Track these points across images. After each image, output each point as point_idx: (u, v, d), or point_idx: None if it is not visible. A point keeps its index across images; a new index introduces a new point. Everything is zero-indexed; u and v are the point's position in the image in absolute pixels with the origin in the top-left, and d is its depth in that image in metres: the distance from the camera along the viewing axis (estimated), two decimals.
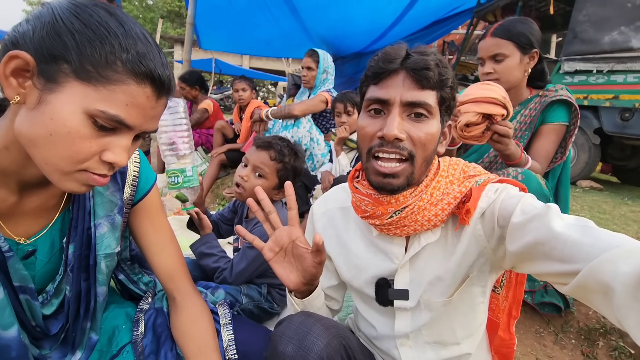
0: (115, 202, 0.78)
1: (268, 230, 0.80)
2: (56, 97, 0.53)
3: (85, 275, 0.75)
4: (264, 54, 6.35)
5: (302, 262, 0.77)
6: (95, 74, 0.53)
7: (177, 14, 20.51)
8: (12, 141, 0.59)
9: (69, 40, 0.52)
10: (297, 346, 0.71)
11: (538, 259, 0.60)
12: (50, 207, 0.72)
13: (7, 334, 0.62)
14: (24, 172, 0.63)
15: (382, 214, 0.76)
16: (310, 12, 4.34)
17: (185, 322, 0.84)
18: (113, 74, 0.54)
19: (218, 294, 1.27)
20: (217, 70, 11.60)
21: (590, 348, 1.43)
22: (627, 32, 3.14)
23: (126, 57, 0.54)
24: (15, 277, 0.65)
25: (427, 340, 0.83)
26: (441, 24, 4.79)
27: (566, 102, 1.43)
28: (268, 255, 0.78)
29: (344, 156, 2.25)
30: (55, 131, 0.53)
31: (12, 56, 0.52)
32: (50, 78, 0.53)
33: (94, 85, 0.54)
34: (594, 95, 3.29)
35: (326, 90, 2.74)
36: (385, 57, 0.73)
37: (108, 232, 0.77)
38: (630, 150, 3.82)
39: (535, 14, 4.68)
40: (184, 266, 0.90)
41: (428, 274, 0.79)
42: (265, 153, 1.31)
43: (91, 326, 0.78)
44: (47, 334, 0.72)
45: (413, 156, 0.71)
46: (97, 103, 0.54)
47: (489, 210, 0.71)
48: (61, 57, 0.52)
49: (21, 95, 0.54)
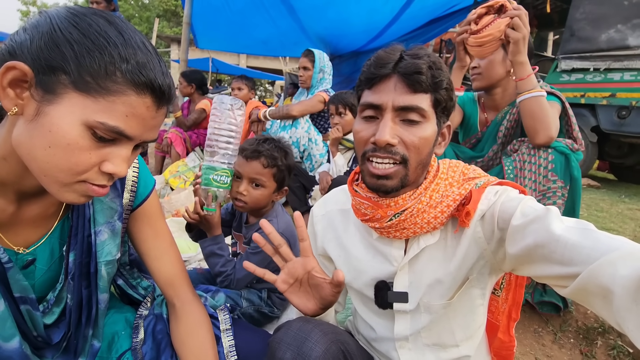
0: (115, 208, 0.77)
1: (279, 263, 0.79)
2: (55, 109, 0.52)
3: (87, 283, 0.74)
4: (261, 53, 6.32)
5: (320, 291, 0.76)
6: (94, 85, 0.52)
7: (174, 12, 20.41)
8: (9, 152, 0.58)
9: (68, 51, 0.51)
10: (296, 352, 0.71)
11: (538, 261, 0.60)
12: (49, 216, 0.71)
13: (9, 346, 0.62)
14: (22, 183, 0.62)
15: (381, 217, 0.75)
16: (307, 12, 4.33)
17: (185, 331, 0.83)
18: (112, 85, 0.53)
19: (218, 298, 1.26)
20: (214, 70, 11.57)
21: (589, 347, 1.44)
22: (624, 30, 3.15)
23: (126, 67, 0.53)
24: (16, 288, 0.64)
25: (427, 343, 0.83)
26: (438, 23, 4.78)
27: (553, 94, 1.45)
28: (282, 288, 0.77)
29: (340, 156, 2.25)
30: (54, 143, 0.52)
31: (10, 67, 0.51)
32: (48, 89, 0.52)
33: (93, 97, 0.53)
34: (591, 93, 3.30)
35: (324, 90, 2.73)
36: (378, 62, 0.72)
37: (109, 239, 0.76)
38: (627, 148, 3.83)
39: (532, 12, 4.69)
40: (183, 272, 0.89)
41: (427, 276, 0.79)
42: (257, 162, 1.27)
43: (93, 333, 0.78)
44: (48, 343, 0.72)
45: (406, 160, 0.71)
46: (97, 114, 0.53)
47: (488, 212, 0.71)
48: (59, 68, 0.51)
49: (19, 106, 0.53)
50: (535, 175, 1.34)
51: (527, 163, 1.36)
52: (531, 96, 1.33)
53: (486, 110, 1.69)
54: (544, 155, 1.33)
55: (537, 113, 1.32)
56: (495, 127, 1.61)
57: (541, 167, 1.33)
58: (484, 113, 1.69)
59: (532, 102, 1.33)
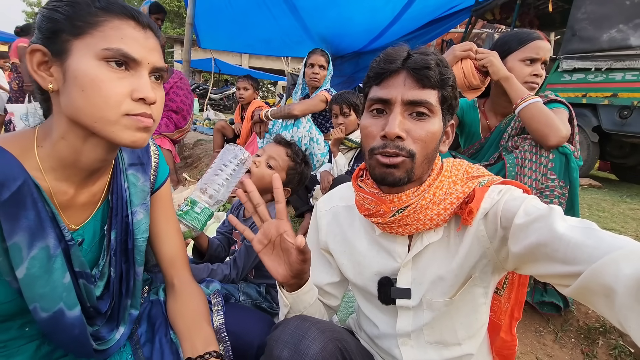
0: (147, 190, 0.87)
1: (257, 222, 0.81)
2: (71, 61, 0.63)
3: (125, 259, 0.83)
4: (264, 52, 6.33)
5: (289, 256, 0.77)
6: (84, 25, 0.63)
7: (177, 13, 20.42)
8: (66, 129, 0.67)
9: (57, 15, 0.63)
10: (293, 350, 0.71)
11: (541, 260, 0.61)
12: (95, 200, 0.79)
13: (72, 314, 0.70)
14: (80, 160, 0.70)
15: (384, 212, 0.76)
16: (309, 11, 4.34)
17: (181, 304, 0.89)
18: (97, 19, 0.64)
19: (212, 287, 1.27)
20: (216, 70, 11.59)
21: (590, 347, 1.44)
22: (626, 30, 3.14)
23: (99, 4, 0.64)
24: (76, 264, 0.72)
25: (429, 340, 0.84)
26: (439, 23, 4.79)
27: (560, 102, 1.45)
28: (257, 247, 0.80)
29: (341, 156, 2.25)
30: (84, 85, 0.62)
31: (30, 51, 0.63)
32: (60, 52, 0.63)
33: (89, 34, 0.63)
34: (593, 93, 3.30)
35: (326, 89, 2.74)
36: (387, 58, 0.74)
37: (144, 217, 0.85)
38: (629, 148, 3.82)
39: (534, 12, 4.69)
40: (185, 256, 0.96)
41: (430, 273, 0.80)
42: (283, 148, 1.41)
43: (131, 303, 0.86)
44: (99, 312, 0.80)
45: (413, 154, 0.72)
46: (99, 44, 0.63)
47: (492, 211, 0.72)
48: (59, 31, 0.63)
49: (52, 82, 0.64)
50: (535, 173, 1.35)
51: (528, 161, 1.36)
52: (528, 104, 1.35)
53: (487, 115, 1.67)
54: (545, 154, 1.33)
55: (539, 117, 1.33)
56: (498, 134, 1.59)
57: (541, 165, 1.34)
58: (486, 119, 1.67)
59: (530, 109, 1.34)
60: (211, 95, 11.65)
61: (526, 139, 1.41)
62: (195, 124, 7.46)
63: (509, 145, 1.49)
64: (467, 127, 1.73)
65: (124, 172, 0.82)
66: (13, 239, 0.61)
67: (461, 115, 1.73)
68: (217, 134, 3.63)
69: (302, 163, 1.44)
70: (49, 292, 0.66)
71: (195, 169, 4.18)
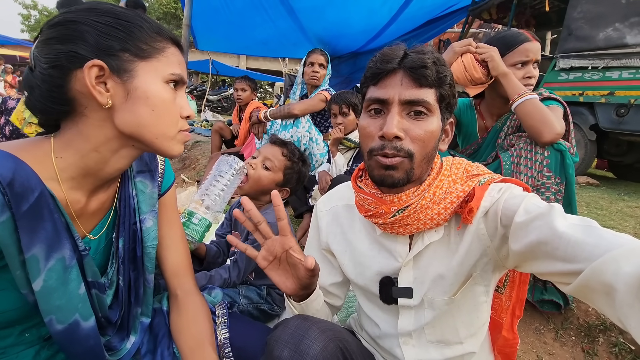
0: (155, 197, 0.87)
1: (259, 240, 0.80)
2: (139, 81, 0.65)
3: (133, 267, 0.83)
4: (261, 53, 6.32)
5: (297, 271, 0.77)
6: (150, 49, 0.66)
7: (174, 15, 20.37)
8: (104, 141, 0.67)
9: (118, 33, 0.63)
10: (293, 350, 0.71)
11: (541, 258, 0.61)
12: (103, 209, 0.79)
13: (87, 325, 0.70)
14: (104, 170, 0.71)
15: (385, 213, 0.76)
16: (306, 13, 4.34)
17: (185, 320, 0.87)
18: (159, 44, 0.67)
19: (215, 294, 1.27)
20: (214, 72, 11.57)
21: (591, 345, 1.44)
22: (622, 28, 3.15)
23: (155, 29, 0.67)
24: (89, 273, 0.72)
25: (430, 339, 0.83)
26: (436, 23, 4.79)
27: (555, 100, 1.45)
28: (262, 264, 0.78)
29: (340, 156, 2.25)
30: (155, 105, 0.66)
31: (90, 66, 0.61)
32: (122, 70, 0.64)
33: (156, 59, 0.66)
34: (590, 91, 3.31)
35: (325, 89, 2.74)
36: (383, 58, 0.74)
37: (153, 225, 0.85)
38: (626, 146, 3.84)
39: (531, 12, 4.70)
40: (189, 264, 0.94)
41: (431, 272, 0.80)
42: (278, 148, 1.41)
43: (142, 311, 0.86)
44: (109, 322, 0.79)
45: (412, 154, 0.72)
46: (166, 69, 0.67)
47: (492, 209, 0.72)
48: (120, 50, 0.63)
49: (110, 97, 0.64)
50: (531, 170, 1.35)
51: (524, 158, 1.37)
52: (524, 100, 1.36)
53: (484, 116, 1.68)
54: (540, 151, 1.34)
55: (535, 113, 1.34)
56: (495, 133, 1.60)
57: (537, 162, 1.35)
58: (482, 120, 1.68)
59: (526, 105, 1.36)
60: (209, 96, 11.64)
61: (521, 137, 1.42)
62: (192, 125, 7.45)
63: (505, 143, 1.49)
64: (465, 127, 1.73)
65: (132, 179, 0.82)
66: (31, 251, 0.60)
67: (458, 115, 1.74)
68: (214, 135, 3.62)
69: (300, 162, 1.43)
70: (66, 303, 0.66)
71: (193, 170, 4.17)
